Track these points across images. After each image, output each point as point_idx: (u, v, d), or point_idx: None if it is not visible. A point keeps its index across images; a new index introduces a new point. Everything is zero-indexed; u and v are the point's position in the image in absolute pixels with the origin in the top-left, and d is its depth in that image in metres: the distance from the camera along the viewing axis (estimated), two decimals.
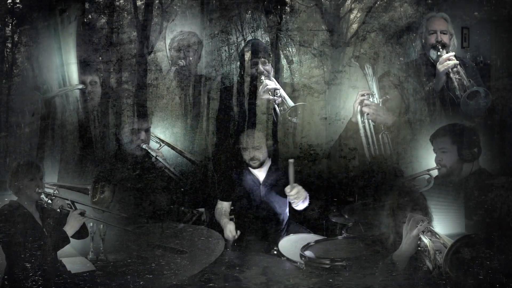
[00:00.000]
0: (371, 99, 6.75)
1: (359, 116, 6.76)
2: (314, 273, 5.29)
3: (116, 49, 6.74)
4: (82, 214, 5.40)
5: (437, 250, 4.63)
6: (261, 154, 6.38)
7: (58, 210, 5.41)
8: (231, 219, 6.42)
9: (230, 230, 6.15)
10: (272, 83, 6.84)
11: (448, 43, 6.72)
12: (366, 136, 6.75)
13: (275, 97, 6.83)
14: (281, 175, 6.46)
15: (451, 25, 6.76)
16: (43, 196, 5.42)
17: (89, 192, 6.05)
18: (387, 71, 6.95)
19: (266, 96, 6.83)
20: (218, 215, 6.41)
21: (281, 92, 6.84)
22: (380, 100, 6.78)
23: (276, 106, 6.86)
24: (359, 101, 6.76)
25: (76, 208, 5.50)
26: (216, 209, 6.48)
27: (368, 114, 6.74)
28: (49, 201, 5.43)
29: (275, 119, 6.88)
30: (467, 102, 6.48)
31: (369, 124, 6.75)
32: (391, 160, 6.64)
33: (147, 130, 6.74)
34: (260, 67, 6.87)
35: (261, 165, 6.41)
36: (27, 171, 5.36)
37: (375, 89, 6.78)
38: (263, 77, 6.86)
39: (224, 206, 6.45)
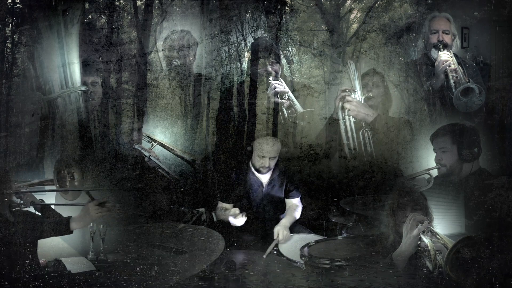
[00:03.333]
0: (352, 95, 6.73)
1: (340, 112, 6.75)
2: (314, 273, 5.27)
3: (116, 49, 6.74)
4: (101, 204, 4.98)
5: (437, 251, 4.66)
6: (274, 163, 6.38)
7: (30, 207, 5.31)
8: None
9: (234, 211, 6.16)
10: (280, 87, 6.84)
11: (450, 43, 6.76)
12: (346, 132, 6.73)
13: (284, 100, 6.84)
14: (282, 175, 6.45)
15: (454, 25, 6.78)
16: (14, 198, 5.29)
17: (55, 182, 6.00)
18: (372, 69, 6.94)
19: (275, 100, 6.84)
20: (221, 216, 6.39)
21: (290, 95, 6.86)
22: (363, 97, 6.77)
23: (284, 109, 6.86)
24: (340, 97, 6.74)
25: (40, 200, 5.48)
26: (217, 208, 6.48)
27: (349, 110, 6.71)
28: (20, 201, 5.32)
29: (282, 121, 6.89)
30: (460, 98, 6.52)
31: (349, 120, 6.73)
32: (390, 160, 6.61)
33: (139, 130, 6.75)
34: (269, 67, 6.86)
35: (268, 171, 6.40)
36: None
37: (357, 86, 6.77)
38: (271, 78, 6.85)
39: (224, 207, 6.43)
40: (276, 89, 6.82)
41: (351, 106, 6.68)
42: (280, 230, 6.04)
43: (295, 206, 6.47)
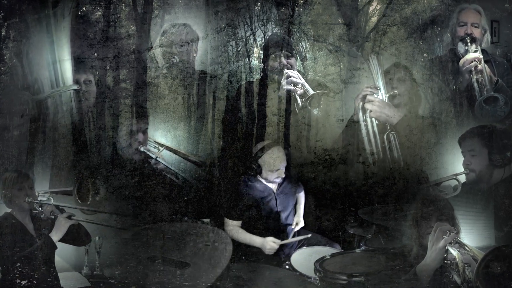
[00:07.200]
0: (375, 95, 6.69)
1: (360, 114, 6.72)
2: None
3: (113, 45, 6.71)
4: (69, 217, 5.54)
5: (466, 263, 4.69)
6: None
7: (52, 217, 5.55)
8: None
9: (273, 241, 6.38)
10: (295, 74, 6.80)
11: (480, 38, 6.74)
12: (367, 135, 6.72)
13: (297, 88, 6.80)
14: (293, 182, 6.59)
15: (485, 19, 6.77)
16: (36, 205, 5.57)
17: (74, 195, 6.14)
18: (396, 63, 6.90)
19: (288, 87, 6.80)
20: (235, 234, 6.55)
21: (305, 84, 6.79)
22: (386, 95, 6.73)
23: (297, 97, 6.83)
24: (362, 96, 6.70)
25: (63, 212, 5.65)
26: (227, 231, 6.56)
27: (371, 111, 6.66)
28: (41, 209, 5.57)
29: (296, 110, 6.87)
30: (483, 105, 6.52)
31: (371, 123, 6.70)
32: (413, 165, 6.65)
33: (145, 132, 6.76)
34: (283, 60, 6.85)
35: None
36: (14, 180, 5.50)
37: (380, 83, 6.73)
38: (286, 70, 6.83)
39: (234, 224, 6.59)
40: (291, 78, 6.80)
41: (373, 107, 6.63)
42: (300, 221, 6.39)
43: (301, 199, 6.78)
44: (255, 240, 6.46)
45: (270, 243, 6.38)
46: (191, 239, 5.91)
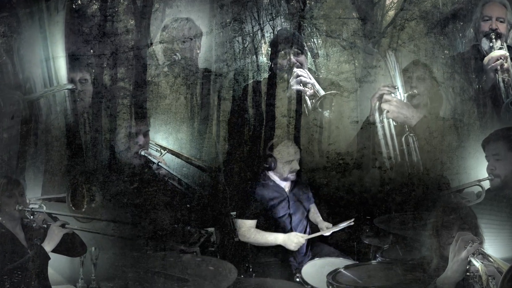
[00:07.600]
0: (392, 94, 6.63)
1: (377, 115, 6.67)
2: None
3: (110, 41, 6.71)
4: (63, 226, 5.47)
5: (490, 276, 4.57)
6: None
7: (45, 226, 5.50)
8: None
9: (301, 236, 6.40)
10: (304, 73, 6.79)
11: (505, 34, 6.67)
12: (384, 138, 6.65)
13: (306, 88, 6.79)
14: (305, 188, 6.55)
15: (511, 13, 6.70)
16: (27, 214, 5.52)
17: (68, 202, 6.09)
18: (415, 60, 6.85)
19: (297, 87, 6.78)
20: (252, 235, 6.51)
21: (316, 85, 6.78)
22: (405, 95, 6.67)
23: (307, 98, 6.82)
24: (378, 96, 6.65)
25: (56, 220, 5.60)
26: (242, 234, 6.54)
27: (388, 111, 6.60)
28: (32, 217, 5.52)
29: (306, 112, 6.85)
30: (509, 108, 6.47)
31: (389, 124, 6.63)
32: (433, 170, 6.60)
33: (146, 134, 6.71)
34: (292, 58, 6.81)
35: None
36: (4, 186, 5.46)
37: (398, 82, 6.67)
38: (295, 68, 6.80)
39: (249, 224, 6.55)
40: (301, 78, 6.78)
41: (391, 107, 6.57)
42: (329, 223, 6.52)
43: (315, 209, 6.82)
44: (277, 237, 6.44)
45: (297, 237, 6.38)
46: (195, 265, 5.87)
